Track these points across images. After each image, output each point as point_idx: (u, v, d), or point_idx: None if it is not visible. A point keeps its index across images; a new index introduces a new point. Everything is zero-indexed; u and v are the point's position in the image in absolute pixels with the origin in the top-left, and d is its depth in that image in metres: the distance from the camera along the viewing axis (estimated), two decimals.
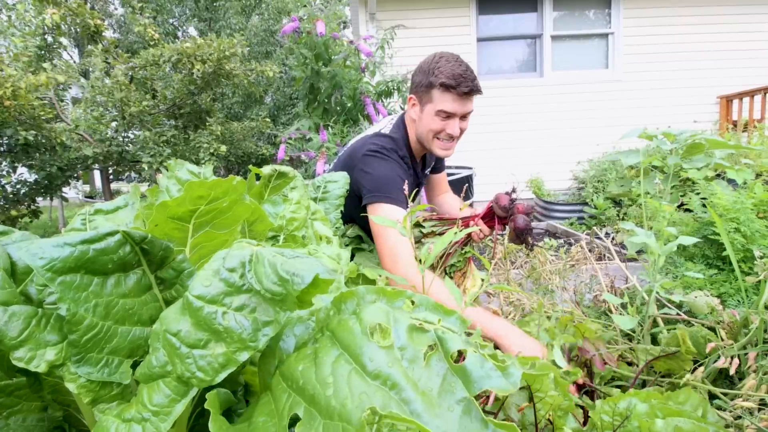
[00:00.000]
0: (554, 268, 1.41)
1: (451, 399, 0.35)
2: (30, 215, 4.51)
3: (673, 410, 0.64)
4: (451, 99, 1.34)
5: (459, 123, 1.39)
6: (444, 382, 0.36)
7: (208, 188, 0.54)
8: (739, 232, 1.17)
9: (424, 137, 1.45)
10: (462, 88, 1.32)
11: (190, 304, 0.45)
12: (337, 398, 0.37)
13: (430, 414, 0.34)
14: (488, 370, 0.36)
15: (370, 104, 3.01)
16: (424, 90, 1.38)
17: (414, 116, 1.46)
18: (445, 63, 1.34)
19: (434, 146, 1.44)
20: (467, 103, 1.37)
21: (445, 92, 1.34)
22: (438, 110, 1.36)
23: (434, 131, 1.41)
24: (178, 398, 0.45)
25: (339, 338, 0.42)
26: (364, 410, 0.34)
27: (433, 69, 1.34)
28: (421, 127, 1.44)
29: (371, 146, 1.41)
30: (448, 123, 1.38)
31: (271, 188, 1.09)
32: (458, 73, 1.32)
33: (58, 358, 0.46)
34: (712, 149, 1.11)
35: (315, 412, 0.38)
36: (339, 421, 0.35)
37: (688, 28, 5.20)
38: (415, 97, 1.44)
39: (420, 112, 1.43)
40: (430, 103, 1.37)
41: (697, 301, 0.96)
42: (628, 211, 3.36)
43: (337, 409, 0.36)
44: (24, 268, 0.55)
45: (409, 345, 0.38)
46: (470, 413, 0.34)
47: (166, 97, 5.08)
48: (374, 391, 0.36)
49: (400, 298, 0.47)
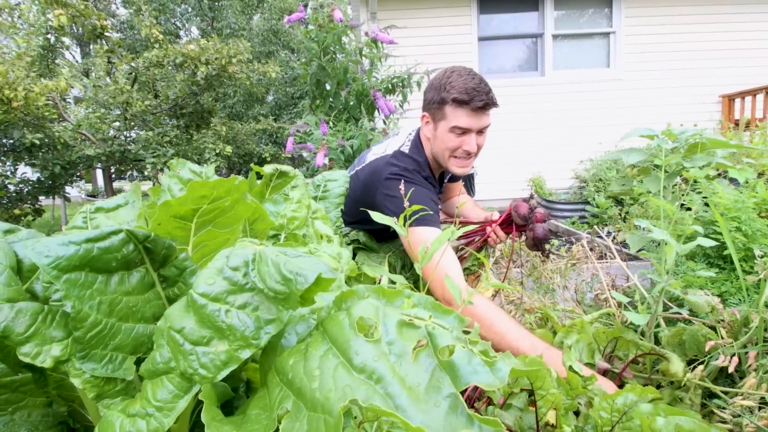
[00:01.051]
0: (555, 266, 1.41)
1: (438, 395, 0.35)
2: (33, 214, 4.53)
3: (675, 409, 0.64)
4: (465, 114, 1.29)
5: (476, 138, 1.35)
6: (432, 378, 0.35)
7: (210, 188, 0.55)
8: (740, 231, 1.17)
9: (440, 155, 1.40)
10: (476, 102, 1.27)
11: (194, 302, 0.45)
12: (321, 391, 0.37)
13: (416, 409, 0.34)
14: (476, 366, 0.36)
15: (380, 98, 2.99)
16: (436, 107, 1.34)
17: (428, 134, 1.41)
18: (457, 77, 1.30)
19: (451, 164, 1.39)
20: (483, 118, 1.33)
21: (458, 108, 1.29)
22: (452, 126, 1.31)
23: (450, 149, 1.35)
24: (181, 394, 0.45)
25: (329, 333, 0.43)
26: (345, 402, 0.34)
27: (445, 84, 1.30)
28: (436, 145, 1.39)
29: (393, 168, 1.36)
30: (464, 139, 1.33)
31: (273, 187, 1.09)
32: (471, 87, 1.27)
33: (63, 354, 0.47)
34: (713, 148, 1.11)
35: (301, 405, 0.38)
36: (321, 413, 0.35)
37: (689, 27, 5.19)
38: (428, 115, 1.39)
39: (434, 129, 1.38)
40: (444, 120, 1.33)
41: (698, 300, 0.96)
42: (630, 210, 3.36)
43: (320, 402, 0.36)
44: (30, 265, 0.56)
45: (397, 340, 0.38)
46: (456, 409, 0.34)
47: (168, 96, 5.10)
48: (358, 384, 0.36)
49: (399, 297, 0.48)
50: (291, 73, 8.36)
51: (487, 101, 1.29)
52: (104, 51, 4.68)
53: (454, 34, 5.14)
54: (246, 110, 8.51)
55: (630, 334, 0.89)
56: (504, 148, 5.29)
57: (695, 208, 1.11)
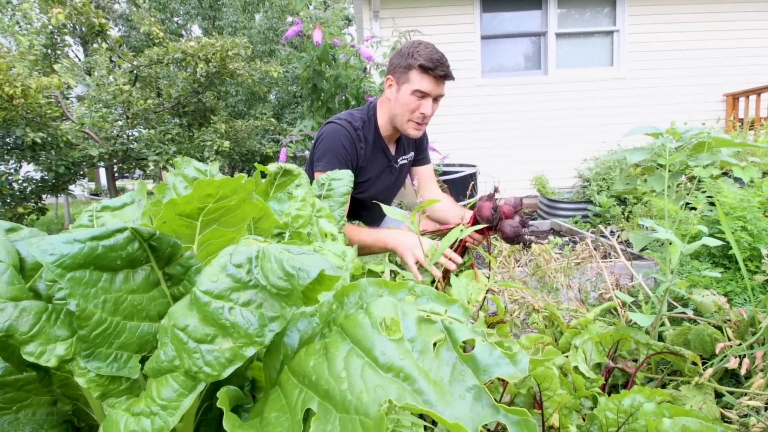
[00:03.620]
0: (559, 266, 1.40)
1: (462, 387, 0.35)
2: (36, 212, 4.54)
3: (681, 410, 0.64)
4: (427, 80, 1.47)
5: (432, 104, 1.52)
6: (454, 371, 0.36)
7: (216, 187, 0.55)
8: (745, 230, 1.16)
9: (398, 117, 1.57)
10: (439, 71, 1.45)
11: (197, 300, 0.45)
12: (352, 392, 0.37)
13: (443, 403, 0.34)
14: (497, 358, 0.36)
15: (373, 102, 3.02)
16: (402, 71, 1.50)
17: (390, 96, 1.58)
18: (424, 48, 1.47)
19: (407, 126, 1.57)
20: (441, 87, 1.51)
21: (423, 73, 1.46)
22: (415, 89, 1.48)
23: (410, 110, 1.53)
24: (185, 393, 0.45)
25: (349, 333, 0.43)
26: (381, 403, 0.35)
27: (413, 53, 1.47)
28: (396, 106, 1.56)
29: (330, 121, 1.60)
30: (422, 103, 1.51)
31: (277, 186, 1.09)
32: (436, 58, 1.45)
33: (67, 352, 0.46)
34: (719, 147, 1.10)
35: (330, 407, 0.38)
36: (356, 414, 0.36)
37: (693, 26, 5.16)
38: (393, 78, 1.55)
39: (397, 92, 1.54)
40: (408, 83, 1.49)
41: (704, 299, 0.95)
42: (633, 209, 3.34)
43: (353, 403, 0.36)
44: (32, 264, 0.55)
45: (418, 336, 0.39)
46: (481, 400, 0.35)
47: (170, 95, 5.10)
48: (388, 384, 0.36)
49: (401, 289, 0.48)
50: (293, 72, 8.35)
51: (447, 73, 1.48)
52: (105, 49, 4.68)
53: (457, 33, 5.13)
54: (248, 109, 8.51)
55: (640, 335, 0.89)
56: (507, 147, 5.28)
57: (700, 207, 1.11)
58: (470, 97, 5.16)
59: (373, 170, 1.69)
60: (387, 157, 1.72)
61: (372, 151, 1.66)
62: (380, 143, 1.68)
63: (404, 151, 1.81)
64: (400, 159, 1.79)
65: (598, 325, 0.98)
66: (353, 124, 1.59)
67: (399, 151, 1.78)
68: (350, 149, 1.56)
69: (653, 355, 0.87)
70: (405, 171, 1.87)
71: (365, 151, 1.62)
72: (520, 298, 1.29)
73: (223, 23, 10.10)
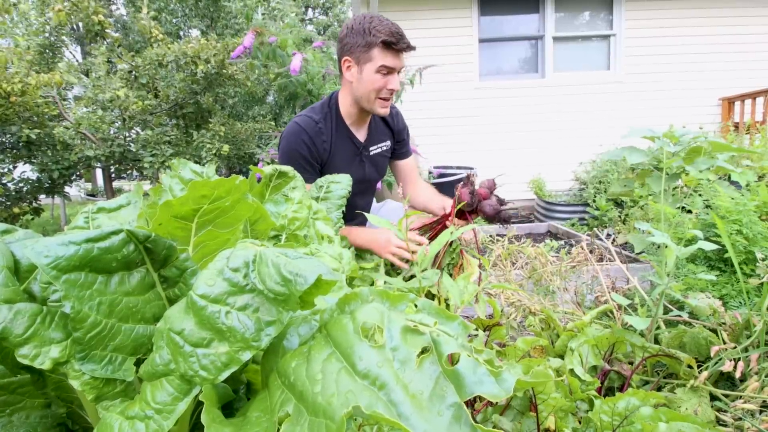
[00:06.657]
0: (555, 269, 1.41)
1: (442, 404, 0.34)
2: (32, 213, 4.51)
3: (678, 414, 0.64)
4: (392, 55, 1.42)
5: (397, 78, 1.47)
6: (436, 386, 0.35)
7: (211, 187, 0.54)
8: (741, 234, 1.17)
9: (365, 97, 1.50)
10: (401, 44, 1.41)
11: (194, 303, 0.45)
12: (323, 395, 0.36)
13: (419, 417, 0.33)
14: (481, 375, 0.35)
15: None
16: (362, 50, 1.43)
17: (350, 78, 1.51)
18: (379, 22, 1.41)
19: (376, 105, 1.51)
20: (403, 59, 1.47)
21: (385, 49, 1.41)
22: (380, 66, 1.43)
23: (377, 89, 1.46)
24: (181, 396, 0.45)
25: (332, 336, 0.42)
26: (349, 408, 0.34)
27: (370, 29, 1.40)
28: (360, 87, 1.49)
29: (292, 120, 1.56)
30: (389, 79, 1.46)
31: (272, 188, 1.09)
32: (395, 30, 1.41)
33: (62, 355, 0.46)
34: (714, 152, 1.11)
35: (303, 409, 0.37)
36: (323, 418, 0.35)
37: (689, 30, 5.20)
38: (351, 59, 1.47)
39: (359, 72, 1.47)
40: (371, 62, 1.43)
41: (700, 303, 0.96)
42: (630, 212, 3.36)
43: (322, 406, 0.36)
44: (27, 266, 0.55)
45: (401, 346, 0.37)
46: (460, 419, 0.33)
47: (168, 96, 5.09)
48: (361, 390, 0.35)
49: (403, 301, 0.47)
50: None
51: (409, 44, 1.44)
52: (103, 50, 4.66)
53: (454, 36, 5.14)
54: (246, 110, 8.49)
55: (635, 338, 0.89)
56: (504, 150, 5.29)
57: (696, 211, 1.11)
58: (468, 99, 5.17)
59: (341, 160, 1.62)
60: (354, 144, 1.64)
61: (336, 141, 1.59)
62: (345, 131, 1.61)
63: (377, 140, 1.72)
64: (372, 148, 1.71)
65: (594, 328, 0.98)
66: (313, 117, 1.54)
67: (371, 140, 1.70)
68: (310, 147, 1.52)
69: (649, 357, 0.87)
70: (383, 163, 1.79)
71: (328, 143, 1.57)
72: (516, 300, 1.29)
73: (222, 24, 10.09)
